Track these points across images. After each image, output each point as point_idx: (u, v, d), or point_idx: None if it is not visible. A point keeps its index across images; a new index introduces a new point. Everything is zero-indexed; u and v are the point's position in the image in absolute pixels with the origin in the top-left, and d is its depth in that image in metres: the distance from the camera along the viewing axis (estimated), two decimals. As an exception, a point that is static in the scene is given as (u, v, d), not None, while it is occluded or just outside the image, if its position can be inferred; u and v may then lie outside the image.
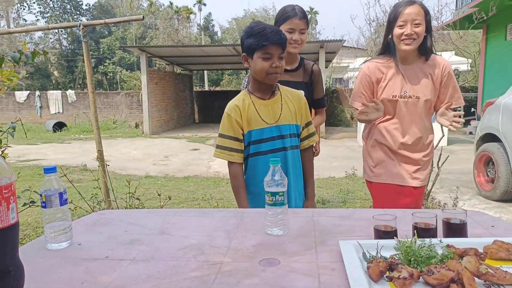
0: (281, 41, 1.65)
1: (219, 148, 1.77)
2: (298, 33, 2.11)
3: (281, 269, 0.99)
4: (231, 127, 1.75)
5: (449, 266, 0.89)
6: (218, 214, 1.45)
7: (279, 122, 1.77)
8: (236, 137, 1.75)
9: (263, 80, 1.71)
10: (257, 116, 1.75)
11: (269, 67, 1.66)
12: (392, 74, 2.05)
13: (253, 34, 1.65)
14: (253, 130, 1.75)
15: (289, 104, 1.80)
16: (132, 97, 16.53)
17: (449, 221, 1.12)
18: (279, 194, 1.22)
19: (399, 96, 2.04)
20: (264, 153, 1.77)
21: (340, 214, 1.42)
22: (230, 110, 1.76)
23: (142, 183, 5.59)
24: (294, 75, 2.19)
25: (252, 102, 1.76)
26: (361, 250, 1.04)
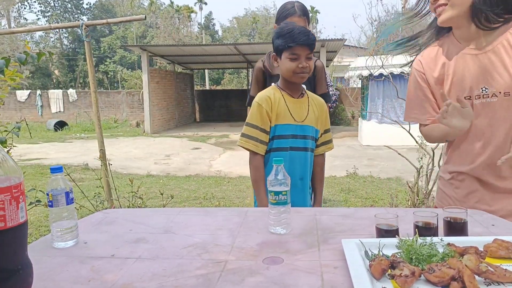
0: (308, 41, 1.68)
1: (244, 137, 1.78)
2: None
3: (284, 267, 1.00)
4: (260, 117, 1.76)
5: (450, 264, 0.90)
6: (222, 213, 1.47)
7: (305, 122, 1.80)
8: (264, 128, 1.77)
9: (290, 79, 1.76)
10: (287, 111, 1.77)
11: (296, 67, 1.70)
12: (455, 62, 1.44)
13: (282, 35, 1.70)
14: (279, 124, 1.77)
15: (314, 108, 1.85)
16: (133, 96, 16.56)
17: (449, 220, 1.14)
18: (282, 193, 1.23)
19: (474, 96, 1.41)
20: (290, 149, 1.79)
21: (342, 213, 1.44)
22: (261, 101, 1.77)
23: (144, 182, 5.61)
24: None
25: (283, 97, 1.79)
26: (363, 249, 1.06)
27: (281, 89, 1.81)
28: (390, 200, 4.15)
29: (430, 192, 3.67)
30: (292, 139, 1.79)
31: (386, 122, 9.16)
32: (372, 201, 4.77)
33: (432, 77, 1.47)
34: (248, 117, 1.80)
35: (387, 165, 7.23)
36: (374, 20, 4.41)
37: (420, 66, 1.51)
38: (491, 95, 1.37)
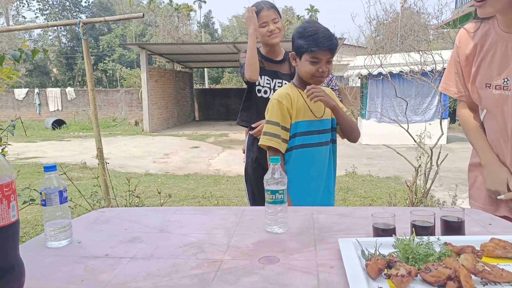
0: (331, 47, 1.64)
1: (266, 135, 1.72)
2: (272, 23, 2.13)
3: (280, 267, 0.99)
4: (281, 114, 1.72)
5: (446, 264, 0.89)
6: (219, 212, 1.46)
7: (325, 116, 1.79)
8: (285, 126, 1.73)
9: (308, 81, 1.72)
10: (307, 108, 1.74)
11: (316, 71, 1.67)
12: (489, 46, 1.38)
13: (305, 36, 1.65)
14: (300, 121, 1.74)
15: None
16: (132, 95, 16.53)
17: (447, 219, 1.13)
18: (279, 192, 1.23)
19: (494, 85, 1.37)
20: (313, 146, 1.76)
21: (340, 212, 1.43)
22: (281, 98, 1.73)
23: (142, 181, 5.60)
24: (279, 67, 2.23)
25: (300, 94, 1.75)
26: (360, 248, 1.05)
27: (297, 87, 1.78)
28: (388, 199, 4.15)
29: (429, 191, 3.67)
30: (317, 135, 1.76)
31: (385, 121, 9.17)
32: (371, 200, 4.77)
33: (463, 53, 1.45)
34: (268, 115, 1.76)
35: (386, 164, 7.22)
36: (372, 19, 4.42)
37: (458, 39, 1.48)
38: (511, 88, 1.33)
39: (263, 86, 2.23)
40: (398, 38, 5.76)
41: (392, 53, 5.46)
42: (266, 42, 2.19)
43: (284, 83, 2.20)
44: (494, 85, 1.36)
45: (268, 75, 2.23)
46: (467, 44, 1.44)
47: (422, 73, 4.21)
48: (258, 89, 2.23)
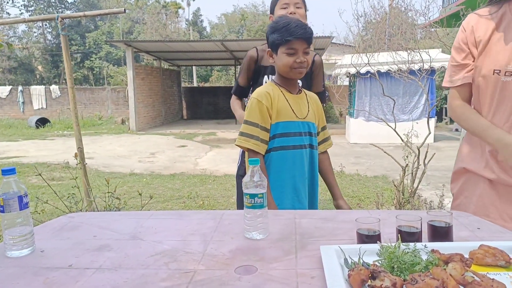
0: (306, 35, 1.59)
1: (243, 136, 1.65)
2: (293, 7, 2.00)
3: (257, 278, 0.92)
4: (260, 114, 1.64)
5: (433, 274, 0.84)
6: (196, 217, 1.38)
7: (307, 118, 1.72)
8: (265, 126, 1.65)
9: (287, 75, 1.66)
10: (288, 108, 1.67)
11: (293, 62, 1.61)
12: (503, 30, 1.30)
13: (277, 29, 1.61)
14: (281, 122, 1.66)
15: (312, 104, 1.77)
16: (119, 93, 16.30)
17: (434, 224, 1.07)
18: (258, 196, 1.16)
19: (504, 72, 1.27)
20: (293, 148, 1.68)
21: (323, 216, 1.36)
22: (260, 97, 1.65)
23: (126, 181, 5.49)
24: None
25: (282, 93, 1.69)
26: (343, 256, 0.99)
27: (278, 85, 1.71)
28: (376, 199, 4.12)
29: (416, 191, 3.65)
30: (297, 137, 1.68)
31: (373, 120, 9.18)
32: (358, 199, 4.74)
33: (472, 38, 1.36)
34: (247, 115, 1.67)
35: (374, 163, 7.22)
36: (360, 16, 4.39)
37: (466, 24, 1.39)
38: None
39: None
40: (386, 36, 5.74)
41: (380, 51, 5.44)
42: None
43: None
44: (504, 71, 1.27)
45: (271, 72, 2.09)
46: (477, 28, 1.34)
47: (409, 72, 4.18)
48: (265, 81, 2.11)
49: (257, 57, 2.11)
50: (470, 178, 1.45)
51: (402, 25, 4.90)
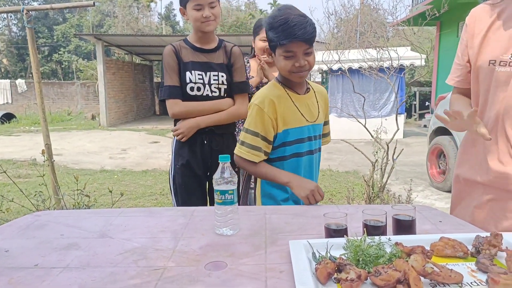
0: (305, 36, 1.38)
1: (245, 146, 1.50)
2: (208, 7, 1.85)
3: (227, 273, 0.93)
4: (261, 124, 1.48)
5: (396, 266, 0.87)
6: (167, 213, 1.38)
7: (318, 121, 1.59)
8: (266, 137, 1.49)
9: (288, 78, 1.50)
10: (297, 112, 1.51)
11: (292, 66, 1.43)
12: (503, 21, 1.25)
13: (274, 28, 1.41)
14: (290, 128, 1.51)
15: (320, 101, 1.63)
16: (88, 88, 15.86)
17: (398, 218, 1.12)
18: (229, 192, 1.16)
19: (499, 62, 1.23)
20: (305, 154, 1.55)
21: (293, 211, 1.39)
22: (263, 104, 1.47)
23: (97, 178, 5.36)
24: (213, 56, 1.98)
25: (289, 96, 1.52)
26: (311, 250, 1.01)
27: (284, 85, 1.53)
28: (347, 194, 4.21)
29: (385, 186, 3.75)
30: (308, 142, 1.55)
31: (345, 116, 9.35)
32: (330, 194, 4.83)
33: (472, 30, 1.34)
34: (247, 122, 1.51)
35: (346, 159, 7.36)
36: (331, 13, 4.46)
37: (469, 17, 1.36)
38: None
39: (195, 82, 1.93)
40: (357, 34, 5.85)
41: (351, 49, 5.54)
42: (199, 29, 1.92)
43: (220, 75, 1.96)
44: (499, 61, 1.23)
45: (200, 68, 1.94)
46: (480, 19, 1.32)
47: (379, 69, 4.29)
48: (190, 87, 1.93)
49: (176, 53, 1.94)
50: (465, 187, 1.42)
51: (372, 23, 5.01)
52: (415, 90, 13.42)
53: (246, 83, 2.08)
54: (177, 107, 1.93)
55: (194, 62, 1.94)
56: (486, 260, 0.89)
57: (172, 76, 1.93)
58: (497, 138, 1.27)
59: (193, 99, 1.94)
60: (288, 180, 1.48)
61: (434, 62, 12.27)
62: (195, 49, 1.97)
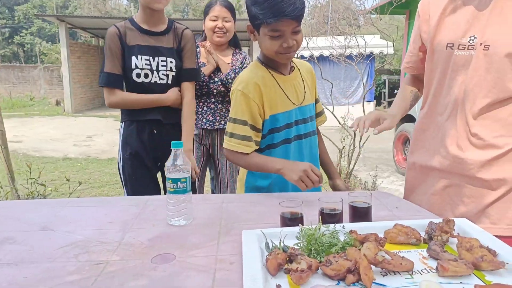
0: (295, 13, 1.23)
1: (235, 138, 1.36)
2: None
3: (174, 266, 0.89)
4: (249, 111, 1.35)
5: (348, 255, 0.85)
6: (120, 203, 1.31)
7: (306, 102, 1.47)
8: (254, 125, 1.37)
9: (273, 59, 1.37)
10: (282, 95, 1.39)
11: (279, 47, 1.29)
12: (459, 4, 1.23)
13: (258, 2, 1.25)
14: (278, 113, 1.39)
15: (307, 78, 1.50)
16: (52, 72, 15.18)
17: (354, 205, 1.10)
18: (181, 180, 1.11)
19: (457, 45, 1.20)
20: (297, 139, 1.45)
21: (252, 199, 1.35)
22: (247, 89, 1.34)
23: (59, 166, 5.15)
24: (162, 39, 1.81)
25: (273, 78, 1.39)
26: (265, 240, 0.98)
27: (267, 66, 1.40)
28: (314, 180, 4.24)
29: (351, 172, 3.80)
30: (295, 127, 1.44)
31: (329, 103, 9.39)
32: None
33: (426, 14, 1.31)
34: (233, 111, 1.38)
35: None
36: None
37: (423, 2, 1.34)
38: (477, 47, 1.16)
39: (141, 68, 1.77)
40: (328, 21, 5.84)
41: (321, 36, 5.53)
42: (147, 5, 1.75)
43: (169, 61, 1.80)
44: (458, 44, 1.19)
45: (147, 53, 1.78)
46: (435, 2, 1.29)
47: (348, 57, 4.29)
48: (136, 73, 1.77)
49: (120, 36, 1.78)
50: (420, 174, 1.40)
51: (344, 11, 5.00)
52: (385, 78, 13.64)
53: (197, 70, 1.94)
54: (114, 98, 1.79)
55: (141, 46, 1.77)
56: (437, 247, 0.89)
57: (112, 62, 1.76)
58: (456, 123, 1.25)
59: (140, 86, 1.79)
60: (280, 167, 1.31)
61: (403, 51, 12.49)
62: (142, 32, 1.80)
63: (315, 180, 1.25)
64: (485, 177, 1.18)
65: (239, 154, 1.38)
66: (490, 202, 1.17)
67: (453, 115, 1.26)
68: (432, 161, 1.32)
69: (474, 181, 1.21)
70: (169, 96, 1.84)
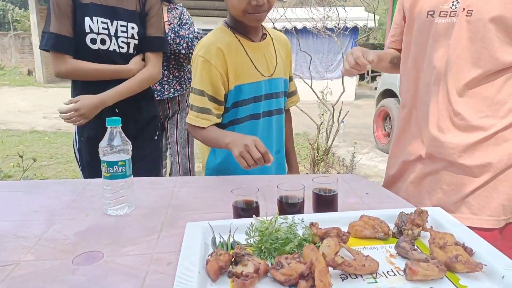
0: None
1: (194, 110, 1.22)
2: None
3: (98, 268, 0.74)
4: (209, 80, 1.20)
5: (303, 255, 0.72)
6: (53, 188, 1.14)
7: (276, 74, 1.31)
8: (214, 96, 1.22)
9: (242, 20, 1.21)
10: (249, 64, 1.25)
11: (247, 4, 1.14)
12: None
13: None
14: (244, 84, 1.24)
15: (280, 51, 1.35)
16: (24, 40, 14.40)
17: (318, 193, 0.97)
18: (118, 164, 0.95)
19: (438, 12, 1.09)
20: (264, 115, 1.31)
21: (208, 184, 1.21)
22: (208, 54, 1.19)
23: (24, 140, 4.88)
24: (124, 1, 1.56)
25: (241, 44, 1.24)
26: (212, 234, 0.84)
27: (234, 31, 1.25)
28: (292, 157, 4.13)
29: (330, 148, 3.69)
30: (265, 101, 1.29)
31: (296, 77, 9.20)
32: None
33: None
34: (193, 80, 1.24)
35: (297, 120, 7.23)
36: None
37: None
38: (459, 13, 1.05)
39: (98, 32, 1.50)
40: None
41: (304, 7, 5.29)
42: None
43: (130, 26, 1.55)
44: (439, 11, 1.09)
45: (103, 15, 1.51)
46: None
47: (330, 29, 4.11)
48: (91, 39, 1.49)
49: None
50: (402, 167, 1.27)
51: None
52: (368, 52, 13.48)
53: (163, 39, 1.66)
54: (64, 66, 1.50)
55: (96, 6, 1.50)
56: (406, 244, 0.77)
57: (61, 21, 1.47)
58: (438, 101, 1.11)
59: (94, 54, 1.50)
60: (229, 141, 1.14)
61: (387, 25, 12.30)
62: None
63: (256, 158, 1.05)
64: (467, 163, 1.05)
65: (197, 128, 1.24)
66: (471, 190, 1.05)
67: (435, 91, 1.12)
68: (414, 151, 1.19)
69: (454, 167, 1.08)
70: (132, 69, 1.57)
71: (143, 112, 1.66)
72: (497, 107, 1.02)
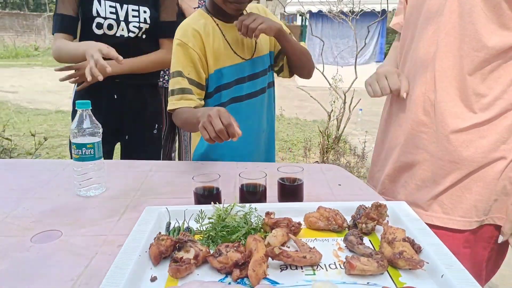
0: None
1: (175, 95, 1.19)
2: None
3: (53, 246, 0.78)
4: (188, 61, 1.19)
5: (246, 244, 0.73)
6: (33, 167, 1.19)
7: (257, 53, 1.29)
8: (193, 79, 1.19)
9: (221, 6, 1.19)
10: (227, 48, 1.23)
11: None
12: None
13: None
14: (224, 68, 1.23)
15: None
16: (56, 21, 14.82)
17: (282, 182, 0.96)
18: (87, 146, 0.98)
19: None
20: (247, 97, 1.28)
21: (184, 168, 1.22)
22: (185, 36, 1.18)
23: (49, 119, 5.07)
24: None
25: (218, 27, 1.23)
26: (168, 219, 0.86)
27: (212, 14, 1.24)
28: (304, 144, 4.11)
29: (340, 137, 3.63)
30: (248, 83, 1.27)
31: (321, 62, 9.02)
32: (291, 144, 4.72)
33: None
34: (172, 64, 1.22)
35: (318, 107, 7.18)
36: None
37: None
38: None
39: (105, 17, 1.45)
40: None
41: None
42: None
43: (142, 10, 1.49)
44: None
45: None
46: None
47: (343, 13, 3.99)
48: (97, 23, 1.45)
49: None
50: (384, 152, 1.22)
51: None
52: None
53: (174, 24, 1.55)
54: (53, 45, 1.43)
55: None
56: (353, 238, 0.76)
57: (66, 2, 1.44)
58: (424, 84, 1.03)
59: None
60: (200, 114, 1.03)
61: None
62: None
63: (218, 129, 0.95)
64: (439, 155, 1.01)
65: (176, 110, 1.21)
66: (444, 188, 1.00)
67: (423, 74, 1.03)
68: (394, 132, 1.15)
69: (428, 162, 1.04)
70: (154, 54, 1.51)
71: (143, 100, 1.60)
72: (477, 98, 0.97)
